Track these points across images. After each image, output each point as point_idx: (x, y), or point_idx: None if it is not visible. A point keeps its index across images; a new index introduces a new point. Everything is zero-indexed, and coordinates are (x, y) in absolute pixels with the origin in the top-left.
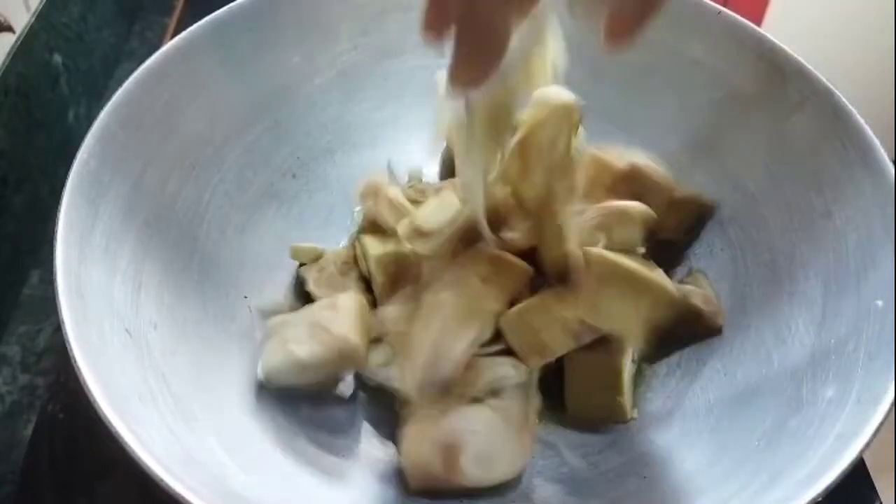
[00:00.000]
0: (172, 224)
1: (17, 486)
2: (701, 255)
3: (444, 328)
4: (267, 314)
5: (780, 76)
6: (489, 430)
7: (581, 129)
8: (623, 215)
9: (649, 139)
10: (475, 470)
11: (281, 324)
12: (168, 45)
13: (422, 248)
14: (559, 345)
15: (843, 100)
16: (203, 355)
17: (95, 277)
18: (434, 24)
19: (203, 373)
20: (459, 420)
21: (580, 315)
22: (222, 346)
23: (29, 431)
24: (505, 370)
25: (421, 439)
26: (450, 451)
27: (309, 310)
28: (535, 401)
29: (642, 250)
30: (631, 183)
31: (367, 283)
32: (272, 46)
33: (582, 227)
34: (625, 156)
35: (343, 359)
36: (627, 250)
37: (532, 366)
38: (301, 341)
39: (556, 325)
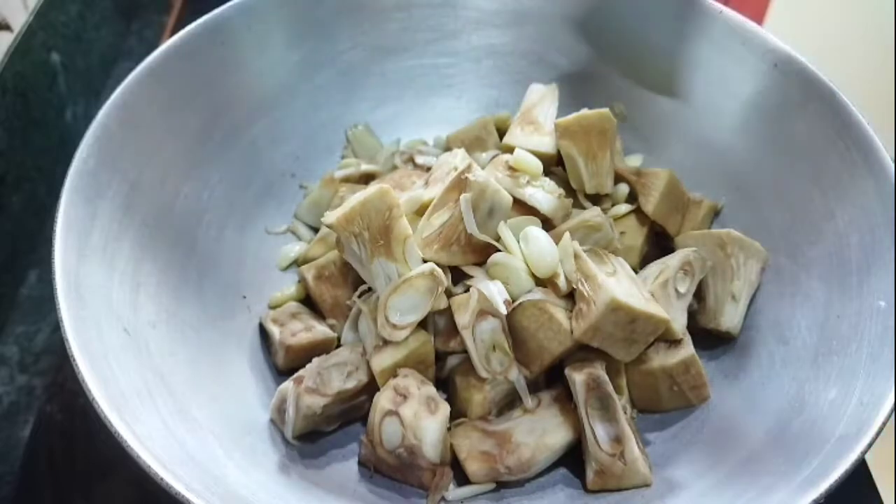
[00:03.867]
0: (171, 224)
1: (16, 486)
2: None
3: None
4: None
5: (781, 76)
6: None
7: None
8: None
9: (650, 139)
10: (528, 438)
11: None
12: (166, 44)
13: (395, 337)
14: (556, 345)
15: (845, 100)
16: (202, 355)
17: (94, 277)
18: None
19: (201, 372)
20: (501, 422)
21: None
22: (221, 346)
23: (27, 432)
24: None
25: (473, 435)
26: (503, 435)
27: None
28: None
29: None
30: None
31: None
32: (271, 45)
33: None
34: None
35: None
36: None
37: (535, 371)
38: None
39: (551, 322)
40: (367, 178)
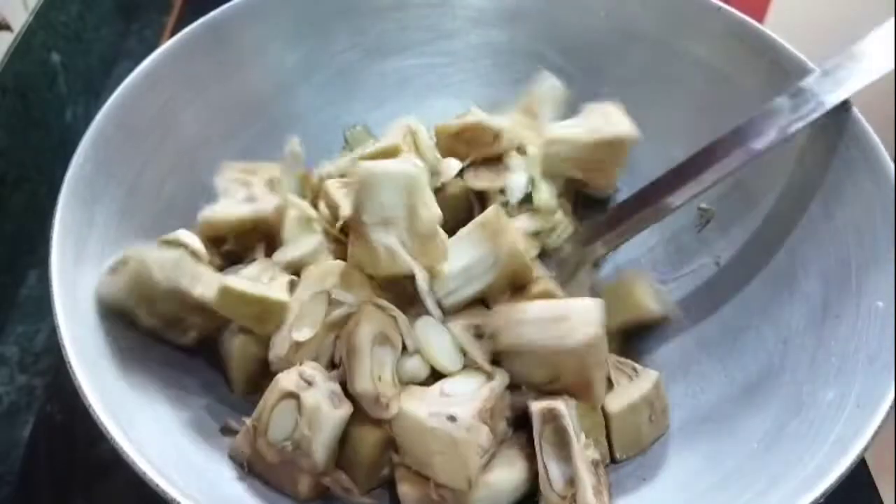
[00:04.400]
0: (168, 229)
1: (15, 486)
2: (702, 255)
3: None
4: None
5: (782, 74)
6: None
7: None
8: None
9: (649, 139)
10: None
11: None
12: (165, 46)
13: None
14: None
15: (846, 98)
16: (199, 357)
17: (91, 283)
18: None
19: (198, 376)
20: None
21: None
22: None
23: (27, 432)
24: None
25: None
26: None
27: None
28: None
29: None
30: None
31: None
32: (270, 46)
33: None
34: None
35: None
36: None
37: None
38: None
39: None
40: None
